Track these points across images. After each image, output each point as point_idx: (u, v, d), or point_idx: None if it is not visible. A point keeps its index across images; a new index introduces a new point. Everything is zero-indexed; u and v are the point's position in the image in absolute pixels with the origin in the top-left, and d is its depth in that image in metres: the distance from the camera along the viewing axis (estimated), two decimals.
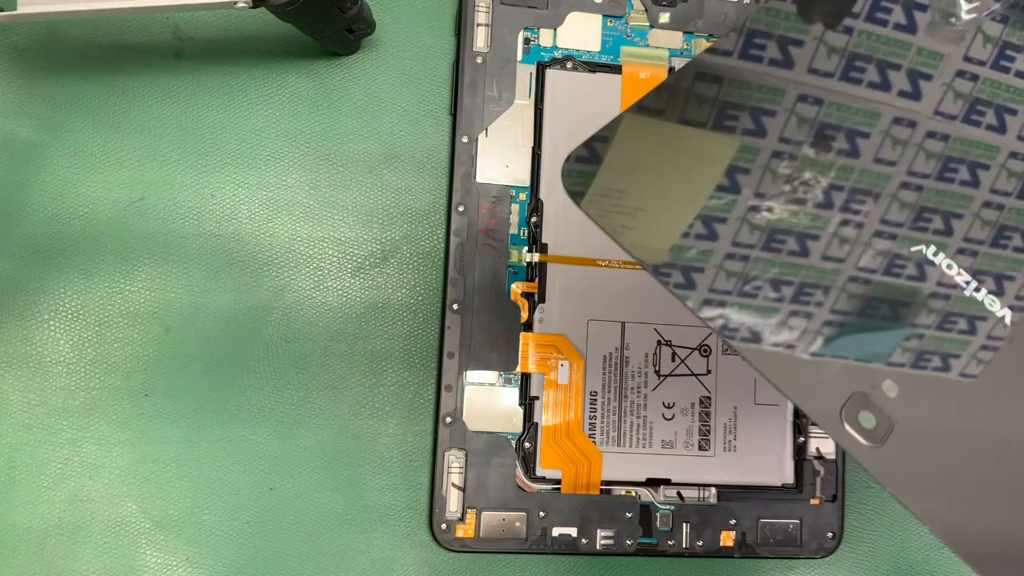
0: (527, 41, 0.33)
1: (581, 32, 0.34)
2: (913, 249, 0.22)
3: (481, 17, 0.33)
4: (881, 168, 0.23)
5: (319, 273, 0.32)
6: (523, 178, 0.33)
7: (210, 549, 0.31)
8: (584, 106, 0.33)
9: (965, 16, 0.24)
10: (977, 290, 0.22)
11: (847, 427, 0.20)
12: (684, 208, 0.22)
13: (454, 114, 0.33)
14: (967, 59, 0.24)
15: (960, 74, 0.23)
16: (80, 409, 0.31)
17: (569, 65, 0.33)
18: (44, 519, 0.30)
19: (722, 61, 0.23)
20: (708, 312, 0.21)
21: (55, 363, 0.31)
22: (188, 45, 0.33)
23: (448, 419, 0.32)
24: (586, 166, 0.22)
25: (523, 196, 0.33)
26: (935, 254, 0.22)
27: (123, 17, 0.32)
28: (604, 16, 0.34)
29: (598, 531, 0.32)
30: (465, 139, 0.33)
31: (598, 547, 0.32)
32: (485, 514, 0.31)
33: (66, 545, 0.30)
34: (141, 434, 0.31)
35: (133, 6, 0.27)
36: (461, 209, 0.32)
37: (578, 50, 0.33)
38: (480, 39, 0.33)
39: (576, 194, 0.22)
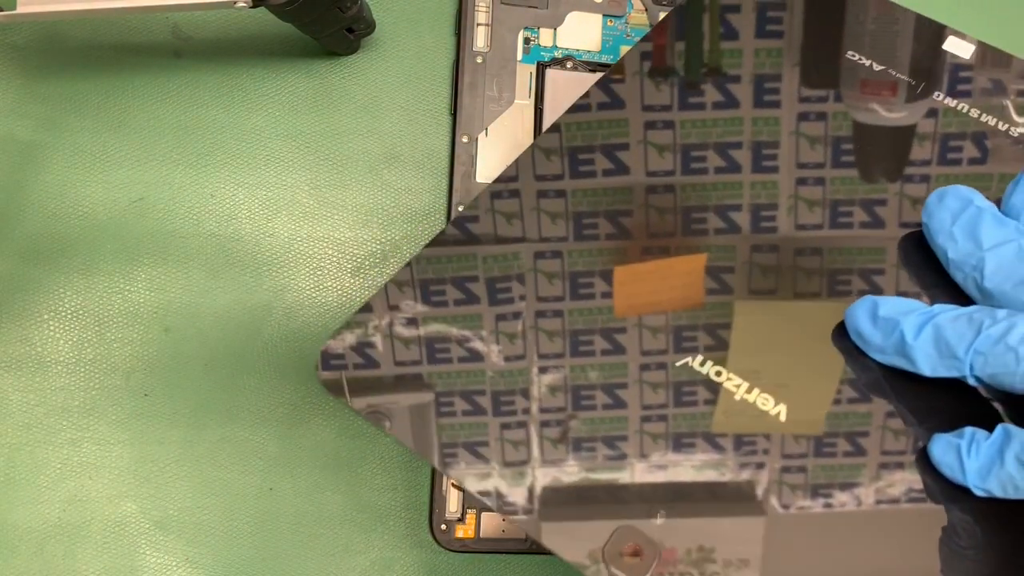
0: (527, 41, 0.33)
1: (581, 32, 0.34)
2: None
3: (481, 17, 0.33)
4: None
5: (319, 273, 0.32)
6: None
7: (210, 549, 0.31)
8: None
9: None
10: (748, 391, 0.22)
11: (612, 568, 0.20)
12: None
13: (454, 114, 0.33)
14: None
15: None
16: (80, 409, 0.31)
17: (569, 65, 0.33)
18: (44, 519, 0.30)
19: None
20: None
21: (55, 363, 0.31)
22: (188, 45, 0.33)
23: None
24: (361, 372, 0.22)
25: None
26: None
27: (123, 17, 0.32)
28: (604, 16, 0.34)
29: None
30: (465, 139, 0.33)
31: None
32: (485, 514, 0.31)
33: (66, 545, 0.30)
34: (141, 434, 0.31)
35: (133, 6, 0.27)
36: (461, 209, 0.32)
37: (578, 50, 0.33)
38: (480, 39, 0.33)
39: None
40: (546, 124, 0.33)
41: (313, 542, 0.31)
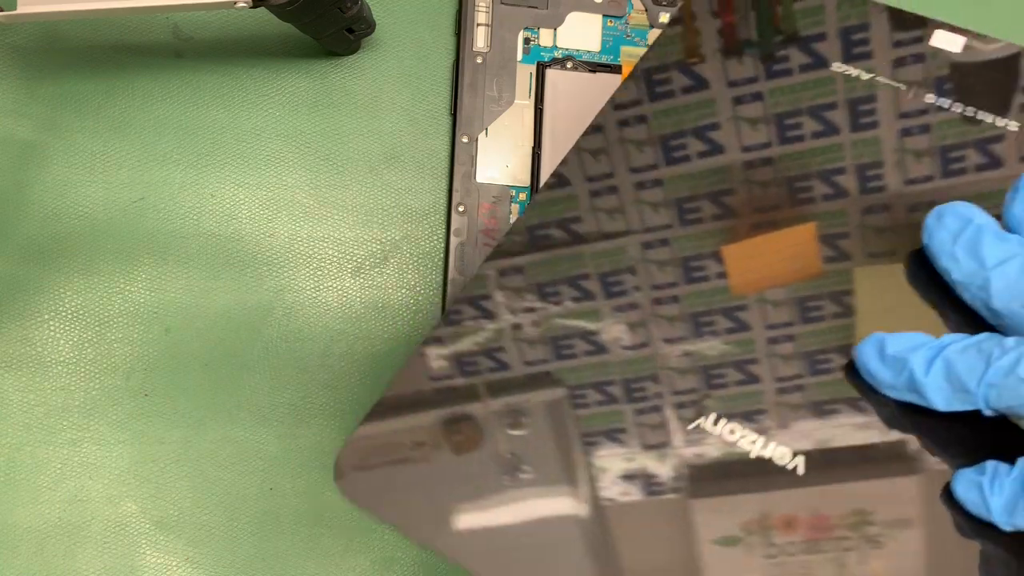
0: (527, 41, 0.33)
1: (581, 32, 0.34)
2: None
3: (481, 17, 0.33)
4: None
5: (319, 273, 0.32)
6: (523, 178, 0.33)
7: (210, 549, 0.31)
8: (584, 106, 0.33)
9: None
10: None
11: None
12: None
13: (454, 114, 0.33)
14: None
15: None
16: (80, 409, 0.31)
17: (569, 65, 0.33)
18: (44, 519, 0.30)
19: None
20: None
21: (55, 363, 0.31)
22: (188, 45, 0.33)
23: None
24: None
25: (523, 196, 0.33)
26: None
27: (123, 17, 0.32)
28: (604, 16, 0.34)
29: None
30: (465, 139, 0.33)
31: None
32: None
33: (66, 545, 0.30)
34: (141, 434, 0.31)
35: (133, 6, 0.27)
36: (461, 209, 0.32)
37: (578, 50, 0.33)
38: (480, 39, 0.33)
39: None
40: (546, 124, 0.33)
41: (313, 542, 0.31)
